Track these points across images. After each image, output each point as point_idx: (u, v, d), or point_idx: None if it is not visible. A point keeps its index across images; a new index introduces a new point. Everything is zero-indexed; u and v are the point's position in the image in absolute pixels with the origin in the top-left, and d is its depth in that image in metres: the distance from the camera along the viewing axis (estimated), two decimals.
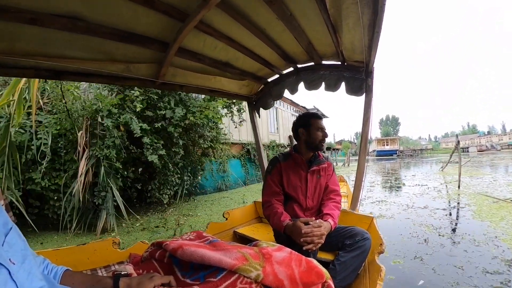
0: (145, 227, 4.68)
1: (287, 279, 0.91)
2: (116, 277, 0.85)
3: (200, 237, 1.27)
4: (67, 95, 4.78)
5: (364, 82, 2.02)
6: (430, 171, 13.65)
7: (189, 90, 2.38)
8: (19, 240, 0.71)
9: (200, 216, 5.29)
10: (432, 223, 4.11)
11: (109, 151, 4.48)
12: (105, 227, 4.45)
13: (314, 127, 1.80)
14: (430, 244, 3.21)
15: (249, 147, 11.61)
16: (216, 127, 7.06)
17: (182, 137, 5.92)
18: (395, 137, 56.96)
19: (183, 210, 5.92)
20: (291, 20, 1.63)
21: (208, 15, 1.46)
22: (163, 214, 5.60)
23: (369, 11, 1.31)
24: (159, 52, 1.80)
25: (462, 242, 3.26)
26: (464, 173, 9.10)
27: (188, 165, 6.71)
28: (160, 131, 5.48)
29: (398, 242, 3.33)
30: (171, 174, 5.87)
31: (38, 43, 1.43)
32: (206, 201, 7.12)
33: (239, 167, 10.80)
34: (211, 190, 8.77)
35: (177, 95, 5.86)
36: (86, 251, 1.47)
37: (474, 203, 5.38)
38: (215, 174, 8.99)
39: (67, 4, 1.26)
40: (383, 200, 6.23)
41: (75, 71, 1.72)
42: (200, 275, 0.93)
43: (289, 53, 2.16)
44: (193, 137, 6.27)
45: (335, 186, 1.86)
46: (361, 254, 1.49)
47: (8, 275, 0.58)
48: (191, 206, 6.37)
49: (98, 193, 4.44)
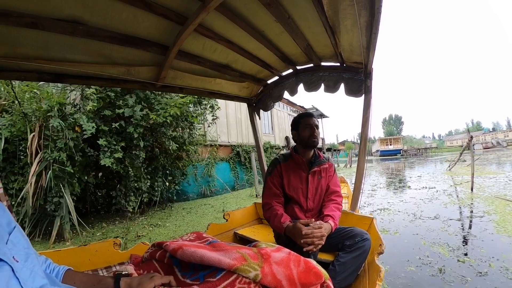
0: (106, 237, 4.28)
1: (285, 279, 0.91)
2: (117, 277, 0.86)
3: (200, 238, 1.28)
4: (22, 96, 4.51)
5: (363, 83, 2.03)
6: (437, 171, 12.68)
7: (189, 93, 2.40)
8: (23, 239, 0.73)
9: (168, 227, 4.78)
10: (447, 241, 3.21)
11: (59, 154, 4.14)
12: (62, 235, 4.15)
13: (302, 125, 1.81)
14: (448, 276, 2.33)
15: (239, 149, 10.93)
16: (190, 127, 6.60)
17: (146, 139, 5.45)
18: (398, 137, 55.41)
19: (153, 219, 5.44)
20: (290, 22, 1.64)
21: (207, 18, 1.48)
22: (130, 223, 5.16)
23: (366, 13, 1.32)
24: (159, 55, 1.82)
25: (490, 272, 2.35)
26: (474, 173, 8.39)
27: (159, 169, 6.20)
28: (123, 132, 5.06)
29: (405, 274, 2.42)
30: (134, 179, 5.36)
31: (39, 47, 1.45)
32: (184, 208, 6.54)
33: (228, 171, 10.05)
34: (194, 196, 8.14)
35: (141, 91, 5.40)
36: (87, 252, 1.48)
37: (494, 211, 4.44)
38: (199, 179, 8.34)
39: (68, 8, 1.28)
40: (386, 208, 5.27)
41: (76, 74, 1.74)
42: (200, 275, 0.94)
43: (288, 55, 2.17)
44: (159, 138, 5.75)
45: (336, 187, 1.85)
46: (361, 255, 1.48)
47: (12, 272, 0.60)
48: (165, 215, 5.83)
49: (51, 198, 4.11)
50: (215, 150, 9.63)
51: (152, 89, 2.18)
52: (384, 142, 51.45)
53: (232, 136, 11.47)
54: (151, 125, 5.41)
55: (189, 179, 7.79)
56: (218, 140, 10.19)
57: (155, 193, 6.15)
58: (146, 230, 4.57)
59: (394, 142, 50.17)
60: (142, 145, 5.20)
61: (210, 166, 8.79)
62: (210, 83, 2.35)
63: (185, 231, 4.14)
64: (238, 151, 10.88)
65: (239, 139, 11.74)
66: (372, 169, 17.10)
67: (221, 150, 10.39)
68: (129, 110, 4.96)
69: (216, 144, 9.90)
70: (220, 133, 10.45)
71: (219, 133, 10.21)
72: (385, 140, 52.78)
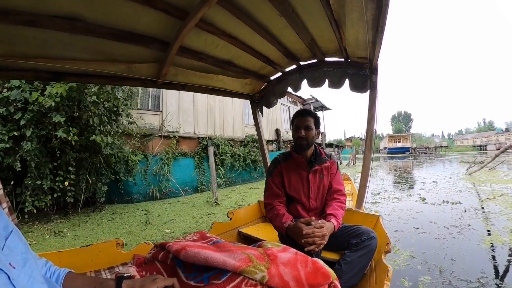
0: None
1: (293, 281, 0.89)
2: (119, 280, 0.84)
3: (204, 238, 1.26)
4: None
5: (368, 78, 1.99)
6: (453, 174, 10.50)
7: (191, 90, 2.37)
8: (20, 243, 0.70)
9: (65, 237, 3.93)
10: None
11: None
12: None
13: (294, 125, 1.80)
14: None
15: (209, 142, 9.24)
16: (110, 113, 5.63)
17: (40, 127, 4.62)
18: (407, 134, 54.78)
19: (64, 225, 4.64)
20: (293, 16, 1.60)
21: (209, 12, 1.44)
22: (34, 227, 4.47)
23: (373, 6, 1.28)
24: (160, 52, 1.78)
25: None
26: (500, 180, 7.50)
27: (83, 165, 5.28)
28: (12, 120, 4.37)
29: None
30: (31, 176, 4.55)
31: (37, 45, 1.42)
32: (115, 213, 5.55)
33: (191, 168, 8.42)
34: (139, 197, 6.85)
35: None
36: (90, 253, 1.47)
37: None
38: (148, 177, 7.04)
39: (66, 5, 1.25)
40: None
41: (76, 72, 1.71)
42: (204, 277, 0.91)
43: (292, 51, 2.13)
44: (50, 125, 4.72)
45: (339, 186, 1.81)
46: (368, 253, 1.46)
47: (8, 280, 0.57)
48: (83, 220, 4.94)
49: None
50: (173, 143, 8.19)
51: (153, 86, 2.15)
52: (392, 139, 50.77)
53: (200, 127, 9.73)
54: (42, 109, 4.51)
55: (135, 177, 6.70)
56: (180, 131, 8.73)
57: (78, 192, 5.22)
58: (39, 239, 3.87)
59: (402, 139, 49.45)
60: (29, 134, 4.37)
61: (164, 162, 7.43)
62: (212, 80, 2.31)
63: (79, 245, 3.49)
64: (206, 145, 8.96)
65: (209, 130, 10.04)
66: (378, 169, 15.49)
67: (185, 144, 8.85)
68: (16, 93, 4.28)
69: (175, 136, 8.40)
70: (184, 123, 9.00)
71: (181, 123, 8.84)
72: (393, 137, 52.07)
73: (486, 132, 79.46)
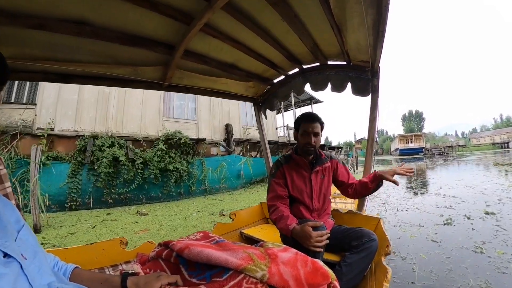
0: None
1: (292, 280, 0.91)
2: (124, 276, 0.86)
3: (207, 237, 1.28)
4: None
5: (370, 82, 2.01)
6: (489, 182, 7.73)
7: (196, 92, 2.40)
8: (31, 237, 0.74)
9: None
10: None
11: None
12: None
13: (301, 130, 1.78)
14: None
15: (91, 141, 6.85)
16: None
17: None
18: (420, 133, 50.60)
19: None
20: (296, 21, 1.63)
21: (213, 17, 1.48)
22: None
23: (373, 11, 1.31)
24: (165, 55, 1.82)
25: None
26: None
27: None
28: None
29: None
30: None
31: (46, 48, 1.47)
32: None
33: (63, 177, 6.30)
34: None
35: None
36: (94, 251, 1.49)
37: None
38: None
39: (74, 9, 1.30)
40: None
41: (83, 75, 1.76)
42: (207, 275, 0.94)
43: (294, 54, 2.16)
44: None
45: (346, 176, 1.90)
46: (368, 255, 1.47)
47: (20, 269, 0.61)
48: None
49: None
50: (43, 143, 6.38)
51: (159, 89, 2.19)
52: (404, 139, 47.84)
53: (84, 122, 7.49)
54: None
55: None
56: (56, 128, 6.95)
57: None
58: None
59: (415, 139, 46.40)
60: None
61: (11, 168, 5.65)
62: (216, 83, 2.35)
63: None
64: (86, 146, 6.74)
65: (99, 127, 7.70)
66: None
67: (62, 144, 6.90)
68: None
69: (44, 134, 6.59)
70: (62, 118, 7.07)
71: (58, 118, 7.05)
72: (405, 137, 48.94)
73: (505, 128, 74.93)
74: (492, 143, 63.75)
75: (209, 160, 9.12)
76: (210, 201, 7.31)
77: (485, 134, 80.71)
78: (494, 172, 10.96)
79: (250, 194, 8.63)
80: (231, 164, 9.59)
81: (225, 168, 9.30)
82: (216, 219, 4.98)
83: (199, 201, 7.40)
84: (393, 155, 50.19)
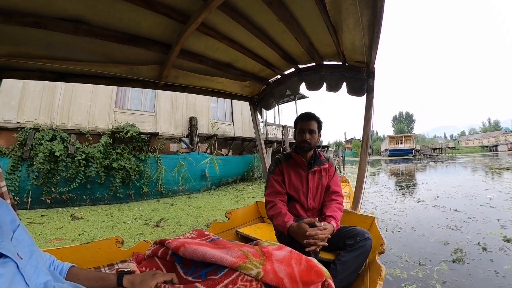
0: None
1: (287, 277, 0.92)
2: (120, 274, 0.87)
3: (202, 236, 1.29)
4: None
5: (365, 82, 2.02)
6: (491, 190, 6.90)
7: (192, 91, 2.40)
8: (27, 236, 0.74)
9: None
10: None
11: None
12: None
13: (298, 128, 1.84)
14: None
15: (34, 134, 6.30)
16: None
17: None
18: (410, 134, 50.43)
19: None
20: (292, 21, 1.64)
21: (209, 17, 1.48)
22: None
23: (368, 12, 1.32)
24: (161, 54, 1.82)
25: None
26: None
27: None
28: None
29: None
30: None
31: (42, 46, 1.46)
32: None
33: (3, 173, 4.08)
34: None
35: None
36: (90, 250, 1.49)
37: None
38: None
39: (71, 7, 1.29)
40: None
41: (79, 73, 1.75)
42: (202, 273, 0.94)
43: (290, 54, 2.17)
44: None
45: (337, 187, 1.86)
46: (362, 254, 1.49)
47: (16, 268, 0.61)
48: None
49: None
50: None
51: (155, 88, 2.19)
52: (394, 140, 47.55)
53: (27, 113, 6.71)
54: None
55: None
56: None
57: None
58: None
59: (405, 140, 46.20)
60: None
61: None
62: (212, 82, 2.35)
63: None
64: (26, 139, 6.23)
65: (43, 118, 6.87)
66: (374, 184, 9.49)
67: (4, 137, 6.30)
68: None
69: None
70: (4, 107, 6.39)
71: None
72: (395, 138, 48.55)
73: (493, 132, 76.00)
74: (481, 146, 64.71)
75: (166, 158, 8.10)
76: (160, 206, 6.42)
77: (474, 137, 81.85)
78: (493, 178, 10.08)
79: (212, 198, 7.45)
80: (192, 163, 8.41)
81: (185, 167, 8.19)
82: (147, 232, 4.03)
83: (147, 205, 6.55)
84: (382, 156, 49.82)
